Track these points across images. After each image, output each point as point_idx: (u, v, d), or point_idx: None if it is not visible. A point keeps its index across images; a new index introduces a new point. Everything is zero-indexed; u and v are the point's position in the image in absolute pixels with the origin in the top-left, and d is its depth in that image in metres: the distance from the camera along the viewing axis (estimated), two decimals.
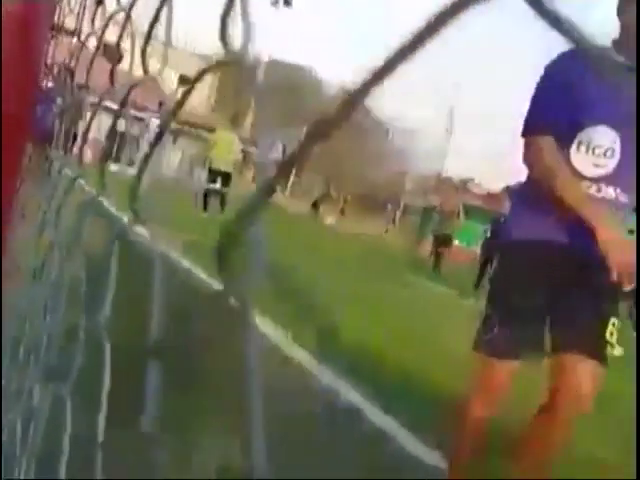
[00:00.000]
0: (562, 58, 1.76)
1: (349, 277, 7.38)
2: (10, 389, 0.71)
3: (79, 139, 0.74)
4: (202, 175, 15.92)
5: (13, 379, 0.73)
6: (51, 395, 0.57)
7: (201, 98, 33.01)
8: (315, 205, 21.83)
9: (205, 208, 11.32)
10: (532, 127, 1.82)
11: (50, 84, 1.01)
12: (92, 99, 0.68)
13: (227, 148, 11.69)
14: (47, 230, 0.73)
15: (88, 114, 0.75)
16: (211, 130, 21.03)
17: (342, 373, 3.21)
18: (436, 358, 3.97)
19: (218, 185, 11.79)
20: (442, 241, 11.94)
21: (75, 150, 0.72)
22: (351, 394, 3.00)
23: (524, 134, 1.83)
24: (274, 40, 50.83)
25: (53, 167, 0.77)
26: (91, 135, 0.76)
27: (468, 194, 12.49)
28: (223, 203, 11.60)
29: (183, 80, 32.61)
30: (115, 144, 17.89)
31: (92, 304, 0.49)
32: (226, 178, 11.82)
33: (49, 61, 0.96)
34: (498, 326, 1.87)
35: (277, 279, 5.88)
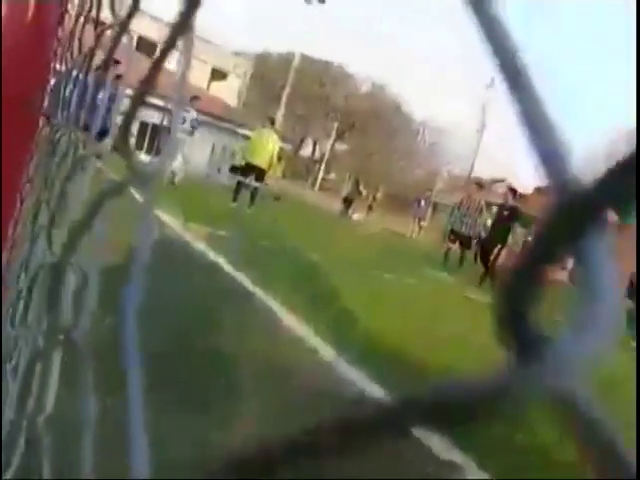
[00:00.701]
0: None
1: (371, 271, 7.37)
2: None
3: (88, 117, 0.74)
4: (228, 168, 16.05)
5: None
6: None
7: (232, 92, 33.15)
8: (345, 201, 21.76)
9: (235, 199, 11.44)
10: None
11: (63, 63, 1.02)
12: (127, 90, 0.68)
13: (264, 145, 11.82)
14: (42, 195, 0.73)
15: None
16: (239, 124, 21.27)
17: (357, 363, 3.24)
18: (453, 353, 3.94)
19: (249, 180, 11.86)
20: (472, 245, 11.65)
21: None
22: (366, 383, 3.03)
23: None
24: (306, 36, 50.77)
25: (56, 136, 0.77)
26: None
27: (492, 193, 11.96)
28: (253, 198, 11.69)
29: (216, 73, 32.87)
30: (140, 133, 18.12)
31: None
32: (260, 174, 11.90)
33: (61, 38, 0.96)
34: None
35: (300, 273, 5.90)
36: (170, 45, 0.31)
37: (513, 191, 10.88)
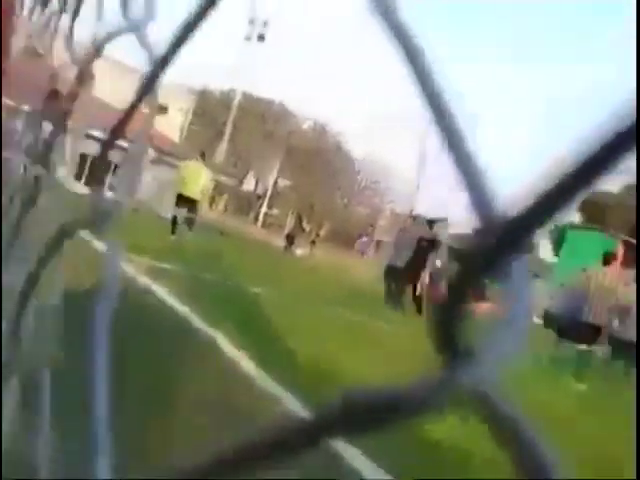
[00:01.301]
0: None
1: (312, 305, 7.39)
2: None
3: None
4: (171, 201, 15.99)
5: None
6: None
7: (173, 126, 33.03)
8: (288, 237, 21.83)
9: (173, 232, 11.56)
10: None
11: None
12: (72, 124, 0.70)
13: (195, 177, 12.05)
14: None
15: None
16: (181, 158, 21.10)
17: (303, 398, 3.22)
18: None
19: (184, 211, 12.09)
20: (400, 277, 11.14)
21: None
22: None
23: None
24: (247, 74, 51.20)
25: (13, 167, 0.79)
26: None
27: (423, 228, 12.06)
28: (191, 225, 11.85)
29: (160, 109, 32.65)
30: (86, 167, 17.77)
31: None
32: (193, 205, 12.14)
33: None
34: None
35: (243, 306, 5.88)
36: (137, 103, 0.35)
37: (430, 222, 11.21)
